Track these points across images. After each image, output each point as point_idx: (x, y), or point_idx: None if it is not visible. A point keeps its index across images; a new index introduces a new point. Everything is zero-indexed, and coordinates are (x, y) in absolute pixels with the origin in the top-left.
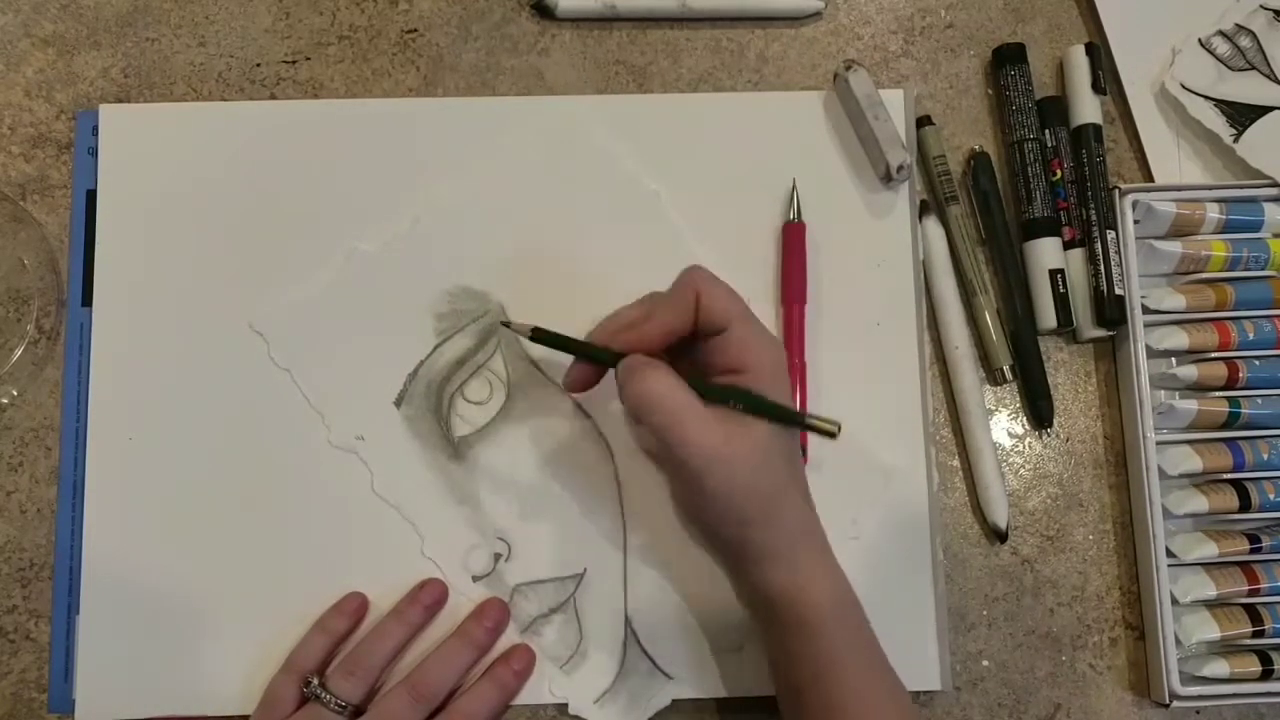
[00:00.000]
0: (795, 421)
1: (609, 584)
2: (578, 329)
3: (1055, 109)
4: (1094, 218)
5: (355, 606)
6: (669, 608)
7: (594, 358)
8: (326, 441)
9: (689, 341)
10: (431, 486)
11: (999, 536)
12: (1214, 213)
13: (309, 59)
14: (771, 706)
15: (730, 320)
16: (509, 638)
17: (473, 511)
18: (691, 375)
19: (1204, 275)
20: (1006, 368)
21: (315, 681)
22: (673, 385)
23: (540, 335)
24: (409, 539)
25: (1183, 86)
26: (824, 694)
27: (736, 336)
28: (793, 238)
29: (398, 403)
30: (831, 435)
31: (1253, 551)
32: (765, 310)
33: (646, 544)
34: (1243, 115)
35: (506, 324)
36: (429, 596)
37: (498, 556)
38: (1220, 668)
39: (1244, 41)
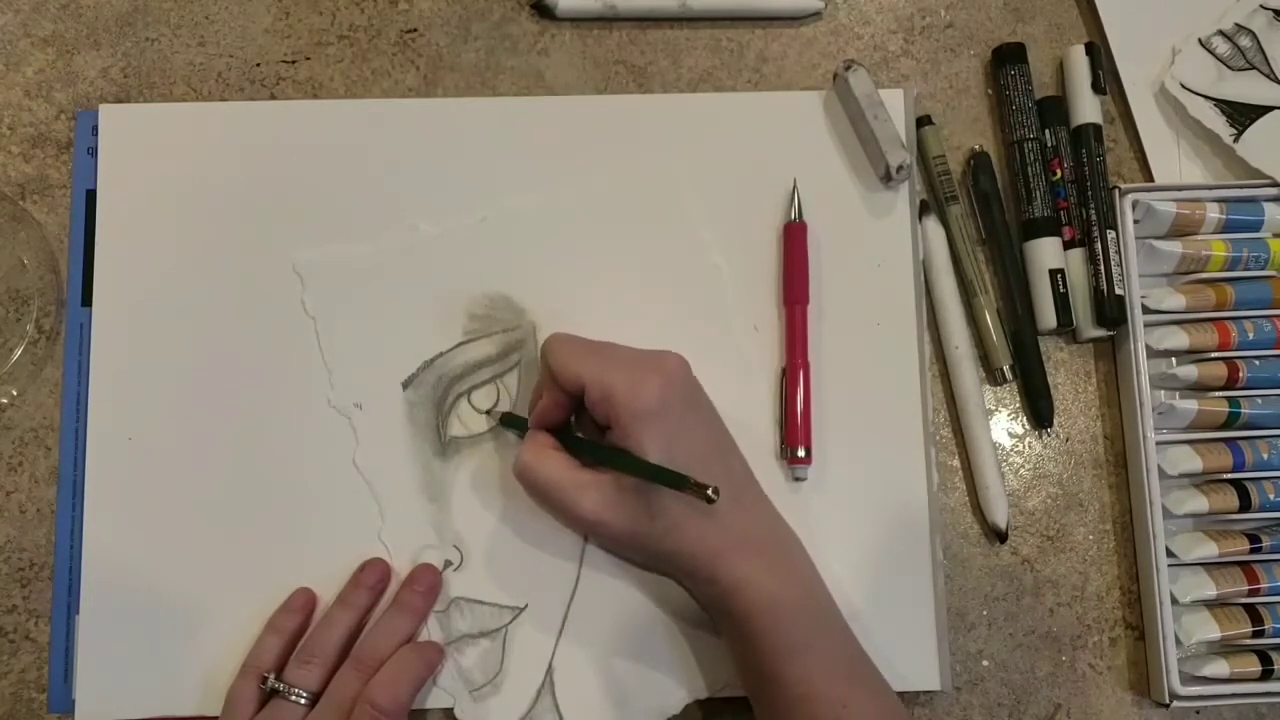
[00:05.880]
0: (648, 475)
1: (545, 628)
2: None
3: (1055, 109)
4: (1094, 218)
5: (303, 603)
6: (594, 671)
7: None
8: (326, 401)
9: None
10: (409, 475)
11: (999, 536)
12: (1214, 213)
13: (309, 59)
14: None
15: (581, 380)
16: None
17: (439, 512)
18: (592, 432)
19: (1204, 275)
20: (1006, 368)
21: (272, 677)
22: (543, 460)
23: (505, 419)
24: (371, 519)
25: (1183, 86)
26: (771, 696)
27: (593, 396)
28: (794, 238)
29: (405, 384)
30: (706, 496)
31: (1253, 551)
32: (768, 311)
33: (594, 603)
34: (1243, 115)
35: (486, 411)
36: (371, 577)
37: (448, 563)
38: (1220, 668)
39: (1244, 41)
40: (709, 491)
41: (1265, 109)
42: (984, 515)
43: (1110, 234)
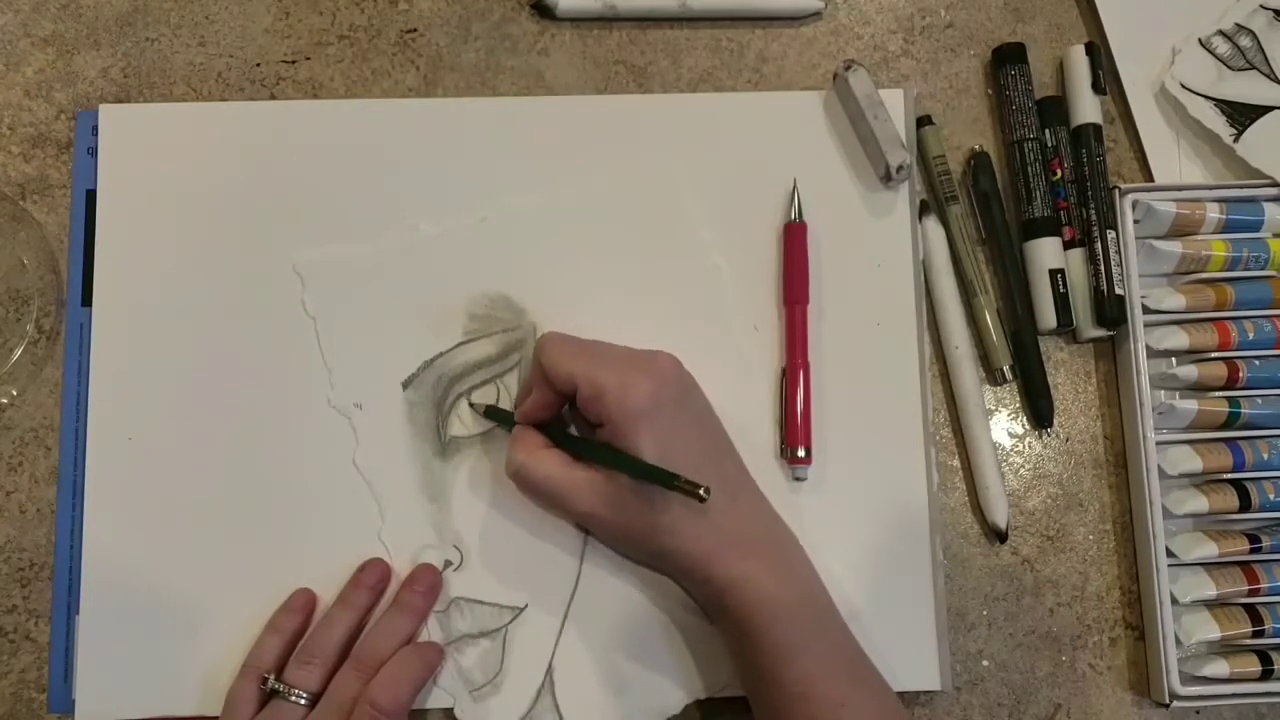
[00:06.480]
0: (639, 473)
1: (544, 628)
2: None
3: (1055, 109)
4: (1094, 218)
5: (303, 603)
6: (595, 671)
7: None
8: (326, 401)
9: None
10: (409, 475)
11: (999, 536)
12: (1214, 213)
13: (309, 59)
14: None
15: (574, 380)
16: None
17: (439, 512)
18: (583, 429)
19: (1204, 275)
20: (1006, 368)
21: (272, 678)
22: (538, 459)
23: (490, 411)
24: (371, 519)
25: (1183, 86)
26: (769, 697)
27: (584, 395)
28: (794, 238)
29: (405, 384)
30: (697, 495)
31: (1253, 551)
32: (768, 311)
33: (594, 603)
34: (1243, 115)
35: (470, 403)
36: (371, 578)
37: (448, 563)
38: (1220, 668)
39: (1244, 41)
40: (700, 491)
41: (1265, 109)
42: (984, 515)
43: (1110, 234)
